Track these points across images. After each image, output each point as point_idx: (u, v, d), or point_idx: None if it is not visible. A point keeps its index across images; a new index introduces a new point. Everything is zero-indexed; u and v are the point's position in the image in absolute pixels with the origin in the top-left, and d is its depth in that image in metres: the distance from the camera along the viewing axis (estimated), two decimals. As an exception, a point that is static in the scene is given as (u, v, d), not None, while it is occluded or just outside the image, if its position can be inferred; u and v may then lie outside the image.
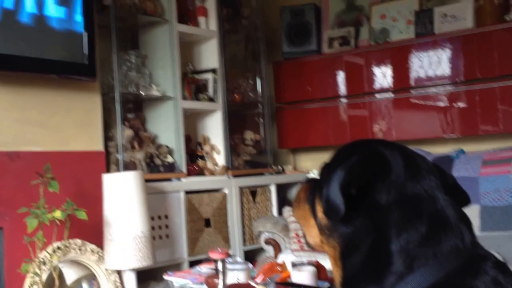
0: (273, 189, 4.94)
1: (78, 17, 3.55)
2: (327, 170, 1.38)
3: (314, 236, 1.44)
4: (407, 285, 1.20)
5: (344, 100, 5.00)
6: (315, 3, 5.22)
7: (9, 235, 3.18)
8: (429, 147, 4.60)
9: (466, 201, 1.45)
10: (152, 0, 4.26)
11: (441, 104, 4.50)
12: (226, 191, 4.53)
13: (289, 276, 2.84)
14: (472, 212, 3.87)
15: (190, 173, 4.34)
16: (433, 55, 4.52)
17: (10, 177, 3.24)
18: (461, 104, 4.41)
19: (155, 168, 4.12)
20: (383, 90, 4.78)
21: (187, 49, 4.74)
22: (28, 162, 3.30)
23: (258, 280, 2.83)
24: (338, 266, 1.35)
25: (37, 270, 3.02)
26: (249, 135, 5.10)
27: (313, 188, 1.46)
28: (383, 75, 4.75)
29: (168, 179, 4.16)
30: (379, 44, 4.84)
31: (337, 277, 1.35)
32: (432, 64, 4.52)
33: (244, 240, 4.64)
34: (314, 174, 5.01)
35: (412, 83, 4.63)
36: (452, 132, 4.46)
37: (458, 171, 4.06)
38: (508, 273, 1.23)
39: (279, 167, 5.18)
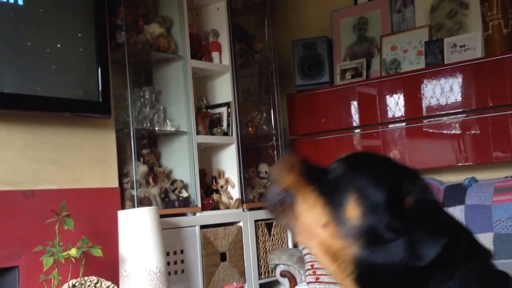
0: (288, 221, 4.93)
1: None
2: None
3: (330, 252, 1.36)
4: None
5: (357, 131, 5.01)
6: (326, 36, 5.27)
7: (24, 274, 3.21)
8: (442, 176, 4.59)
9: None
10: (166, 37, 4.32)
11: (453, 132, 4.50)
12: (241, 224, 4.55)
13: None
14: (486, 240, 3.85)
15: (205, 207, 4.36)
16: (444, 84, 4.53)
17: (26, 216, 3.28)
18: (473, 132, 4.41)
19: (170, 203, 4.15)
20: (395, 120, 4.79)
21: (201, 83, 4.79)
22: (44, 200, 3.34)
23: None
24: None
25: (53, 308, 3.04)
26: (263, 168, 5.12)
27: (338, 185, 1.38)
28: (395, 105, 4.77)
29: (183, 214, 4.18)
30: (391, 75, 4.86)
31: None
32: (444, 93, 4.53)
33: (260, 273, 4.64)
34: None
35: (424, 112, 4.64)
36: (465, 160, 4.46)
37: (470, 200, 4.05)
38: None
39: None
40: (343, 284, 1.35)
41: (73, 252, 3.02)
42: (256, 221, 4.67)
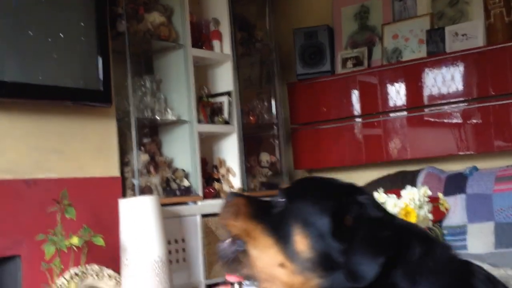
0: (289, 210, 4.93)
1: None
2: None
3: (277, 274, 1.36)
4: None
5: (358, 120, 5.01)
6: (328, 24, 5.26)
7: (26, 262, 3.22)
8: (443, 165, 4.59)
9: None
10: (166, 25, 4.30)
11: (455, 121, 4.50)
12: (242, 213, 4.54)
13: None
14: (487, 229, 3.86)
15: (206, 196, 4.36)
16: (445, 73, 4.52)
17: (27, 205, 3.28)
18: (475, 121, 4.41)
19: (171, 192, 4.15)
20: (397, 109, 4.79)
21: (202, 72, 4.78)
22: (45, 189, 3.34)
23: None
24: None
25: (55, 296, 3.05)
26: (264, 157, 5.12)
27: (278, 215, 1.39)
28: (396, 94, 4.77)
29: (185, 203, 4.18)
30: (392, 64, 4.86)
31: None
32: (445, 82, 4.52)
33: (261, 262, 4.64)
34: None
35: (425, 101, 4.64)
36: (466, 149, 4.45)
37: (472, 188, 4.05)
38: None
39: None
40: None
41: (75, 240, 3.02)
42: (257, 210, 4.66)
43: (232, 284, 2.77)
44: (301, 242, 1.31)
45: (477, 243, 3.89)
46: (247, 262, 1.39)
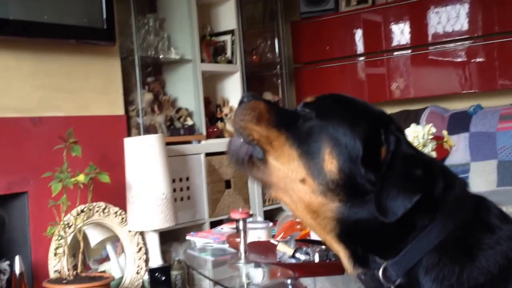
0: (293, 148, 4.95)
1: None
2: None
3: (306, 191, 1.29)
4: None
5: (362, 58, 4.99)
6: (332, -39, 5.19)
7: (34, 199, 3.26)
8: (447, 104, 4.60)
9: None
10: (169, -37, 4.26)
11: (459, 59, 4.48)
12: (245, 152, 4.56)
13: (308, 234, 2.88)
14: (490, 167, 3.88)
15: (210, 135, 4.38)
16: (450, 10, 4.48)
17: (34, 143, 3.30)
18: (479, 59, 4.39)
19: (175, 131, 4.17)
20: (400, 47, 4.77)
21: (205, 11, 4.74)
22: (51, 127, 3.35)
23: (279, 238, 2.88)
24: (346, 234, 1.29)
25: (62, 233, 3.08)
26: (268, 96, 5.12)
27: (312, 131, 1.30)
28: (400, 32, 4.74)
29: (188, 142, 4.20)
30: (397, 1, 4.81)
31: (345, 250, 1.30)
32: (450, 19, 4.49)
33: (264, 201, 4.69)
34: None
35: (430, 39, 4.61)
36: (470, 88, 4.45)
37: (475, 127, 4.06)
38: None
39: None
40: (325, 239, 1.33)
41: (81, 178, 3.04)
42: (260, 148, 4.68)
43: (237, 220, 2.80)
44: (329, 161, 1.25)
45: (480, 181, 3.92)
46: (264, 170, 1.31)
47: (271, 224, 3.12)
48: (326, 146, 1.27)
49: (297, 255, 2.39)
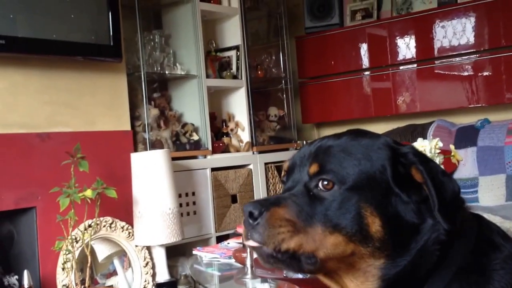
0: (298, 163, 4.95)
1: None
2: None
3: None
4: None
5: (367, 73, 5.00)
6: (336, -24, 5.21)
7: (42, 214, 3.26)
8: (454, 118, 4.59)
9: None
10: (174, -21, 4.28)
11: (466, 73, 4.48)
12: (251, 167, 4.58)
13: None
14: (498, 181, 3.87)
15: (216, 150, 4.39)
16: (456, 24, 4.49)
17: (42, 158, 3.31)
18: (486, 73, 4.39)
19: (181, 146, 4.18)
20: (406, 62, 4.77)
21: (210, 27, 4.77)
22: (58, 142, 3.36)
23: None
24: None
25: (70, 248, 3.09)
26: (273, 111, 5.13)
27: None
28: (406, 46, 4.75)
29: (194, 157, 4.21)
30: (402, 15, 4.82)
31: None
32: (456, 33, 4.49)
33: (271, 215, 4.68)
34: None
35: (435, 53, 4.62)
36: (477, 102, 4.44)
37: (483, 141, 4.05)
38: None
39: (304, 142, 5.21)
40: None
41: (88, 193, 3.05)
42: (266, 163, 4.70)
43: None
44: (373, 223, 1.22)
45: (488, 196, 3.90)
46: (314, 263, 1.24)
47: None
48: (363, 211, 1.24)
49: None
